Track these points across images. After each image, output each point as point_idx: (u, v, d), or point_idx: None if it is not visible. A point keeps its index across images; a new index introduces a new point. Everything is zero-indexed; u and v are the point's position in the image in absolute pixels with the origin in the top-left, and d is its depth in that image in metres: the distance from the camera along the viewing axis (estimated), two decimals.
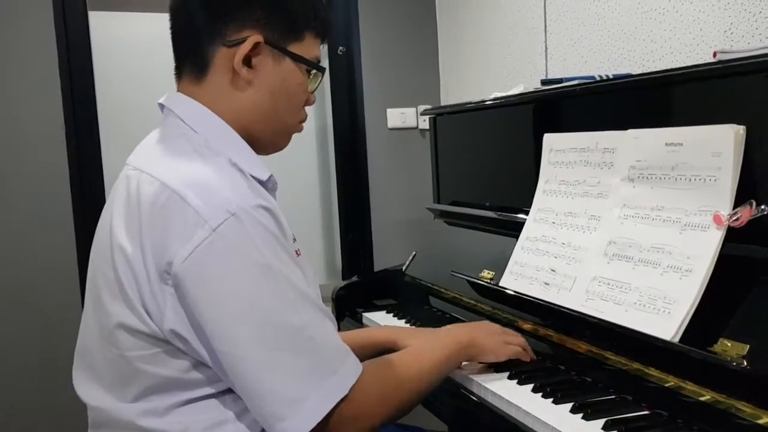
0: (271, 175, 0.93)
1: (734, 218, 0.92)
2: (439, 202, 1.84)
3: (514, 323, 1.25)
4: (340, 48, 2.46)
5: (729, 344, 0.87)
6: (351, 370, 0.84)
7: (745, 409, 0.83)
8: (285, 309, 0.81)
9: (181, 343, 0.81)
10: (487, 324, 1.20)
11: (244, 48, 0.89)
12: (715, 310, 0.92)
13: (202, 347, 0.81)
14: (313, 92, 0.98)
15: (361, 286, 1.79)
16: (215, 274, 0.78)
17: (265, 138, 0.95)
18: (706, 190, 0.97)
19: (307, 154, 2.60)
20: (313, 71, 0.96)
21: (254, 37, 0.89)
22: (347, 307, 1.71)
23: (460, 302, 1.46)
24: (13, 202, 2.10)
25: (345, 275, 2.52)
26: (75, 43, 2.13)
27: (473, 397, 1.09)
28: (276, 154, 1.00)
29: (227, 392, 0.84)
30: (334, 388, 0.82)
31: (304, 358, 0.81)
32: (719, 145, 0.96)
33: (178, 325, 0.80)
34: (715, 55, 1.05)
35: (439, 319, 1.49)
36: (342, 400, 0.82)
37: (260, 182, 0.90)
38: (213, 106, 0.91)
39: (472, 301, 1.41)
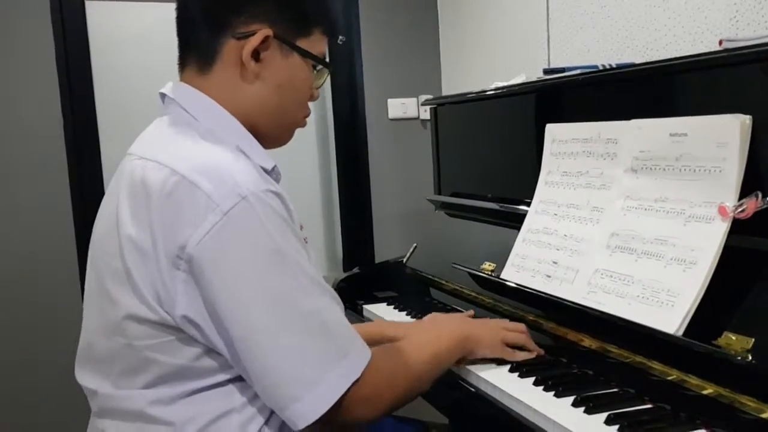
0: (275, 165, 0.93)
1: (740, 210, 0.91)
2: (440, 194, 1.83)
3: (516, 315, 1.24)
4: (341, 37, 2.43)
5: (733, 338, 0.86)
6: (362, 353, 0.85)
7: (749, 403, 0.82)
8: (297, 292, 0.81)
9: (194, 329, 0.81)
10: (489, 320, 1.19)
11: (254, 41, 0.89)
12: (719, 303, 0.91)
13: (215, 332, 0.81)
14: (318, 88, 0.98)
15: (362, 277, 1.78)
16: (228, 257, 0.78)
17: (269, 132, 0.95)
18: (711, 181, 0.96)
19: (308, 145, 2.58)
20: (319, 67, 0.96)
21: (264, 31, 0.89)
22: (348, 299, 1.70)
23: (461, 294, 1.45)
24: (11, 196, 2.08)
25: (346, 267, 2.51)
26: (72, 33, 2.12)
27: (474, 390, 1.08)
28: None
29: (235, 381, 0.85)
30: (348, 370, 0.83)
31: (317, 341, 0.81)
32: (724, 136, 0.94)
33: (191, 310, 0.80)
34: (720, 43, 1.03)
35: (440, 312, 1.47)
36: (354, 382, 0.82)
37: (265, 171, 0.90)
38: (218, 98, 0.91)
39: (473, 294, 1.40)
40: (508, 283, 1.28)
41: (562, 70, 1.40)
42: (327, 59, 0.98)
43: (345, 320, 0.86)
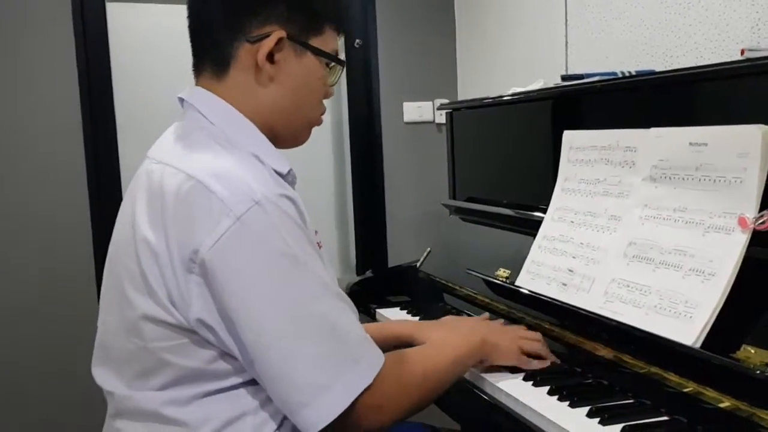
0: (291, 169, 0.93)
1: (760, 221, 0.89)
2: (454, 198, 1.82)
3: (530, 323, 1.24)
4: (357, 41, 2.44)
5: (753, 351, 0.85)
6: (374, 359, 0.85)
7: None
8: (309, 297, 0.81)
9: (208, 332, 0.82)
10: (507, 327, 1.18)
11: (269, 43, 0.89)
12: (738, 315, 0.90)
13: (229, 335, 0.81)
14: (332, 85, 0.99)
15: (375, 281, 1.78)
16: (240, 262, 0.79)
17: (287, 132, 0.96)
18: (730, 191, 0.95)
19: (323, 148, 2.59)
20: (333, 64, 0.96)
21: (278, 33, 0.89)
22: (361, 303, 1.70)
23: (475, 300, 1.45)
24: (29, 198, 2.10)
25: (359, 270, 2.51)
26: (93, 34, 2.13)
27: (487, 398, 1.08)
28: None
29: (249, 384, 0.85)
30: (359, 376, 0.82)
31: (328, 347, 0.81)
32: (745, 146, 0.93)
33: (205, 313, 0.81)
34: (743, 52, 1.02)
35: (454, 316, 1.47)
36: (366, 389, 0.82)
37: (280, 175, 0.90)
38: (234, 102, 0.91)
39: (487, 300, 1.40)
40: (522, 290, 1.27)
41: (581, 76, 1.39)
42: (339, 56, 0.98)
43: (358, 325, 0.86)
